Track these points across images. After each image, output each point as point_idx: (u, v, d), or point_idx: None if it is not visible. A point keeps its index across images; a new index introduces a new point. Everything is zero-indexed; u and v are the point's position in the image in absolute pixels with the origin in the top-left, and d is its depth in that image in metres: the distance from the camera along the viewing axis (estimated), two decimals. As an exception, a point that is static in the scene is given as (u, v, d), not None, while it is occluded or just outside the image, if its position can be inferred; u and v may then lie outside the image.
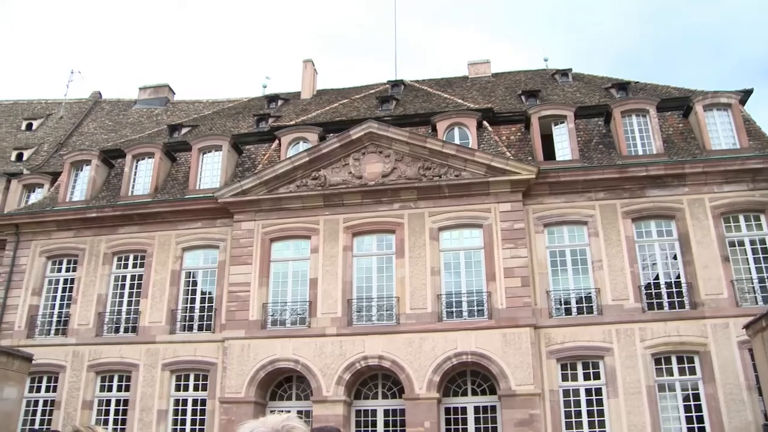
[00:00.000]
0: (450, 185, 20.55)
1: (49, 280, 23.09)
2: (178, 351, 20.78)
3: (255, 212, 21.46)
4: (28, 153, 29.39)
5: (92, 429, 1.77)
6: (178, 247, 22.13)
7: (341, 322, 19.86)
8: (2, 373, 19.78)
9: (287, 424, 2.07)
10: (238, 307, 20.49)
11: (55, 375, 21.48)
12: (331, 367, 19.39)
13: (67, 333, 21.99)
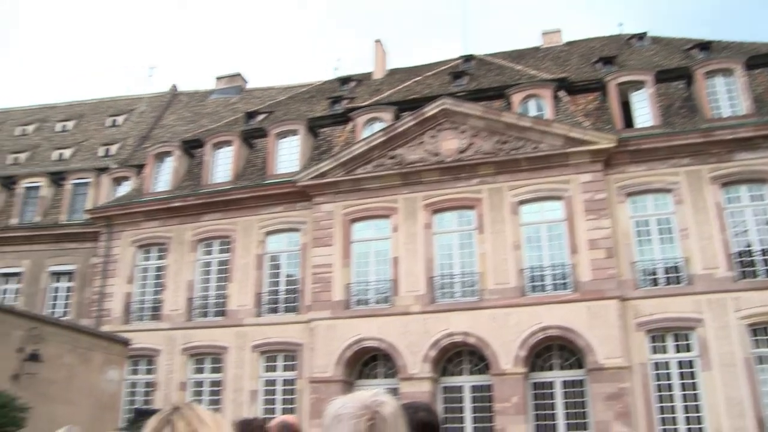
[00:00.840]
0: (528, 158, 20.81)
1: (141, 268, 24.54)
2: (265, 333, 21.83)
3: (334, 194, 22.24)
4: (115, 148, 31.14)
5: (191, 407, 1.84)
6: (260, 232, 23.13)
7: (424, 300, 20.44)
8: (105, 356, 21.38)
9: (376, 399, 2.20)
10: (321, 288, 21.37)
11: (152, 358, 22.93)
12: (416, 345, 19.98)
13: (160, 318, 23.40)
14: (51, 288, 26.84)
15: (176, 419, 1.74)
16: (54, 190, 29.06)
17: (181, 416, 1.75)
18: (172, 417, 1.75)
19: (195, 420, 1.75)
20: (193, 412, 1.79)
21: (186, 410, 1.79)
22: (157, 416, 1.79)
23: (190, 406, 1.83)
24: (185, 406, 1.82)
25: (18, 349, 18.44)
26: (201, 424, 1.74)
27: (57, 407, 17.45)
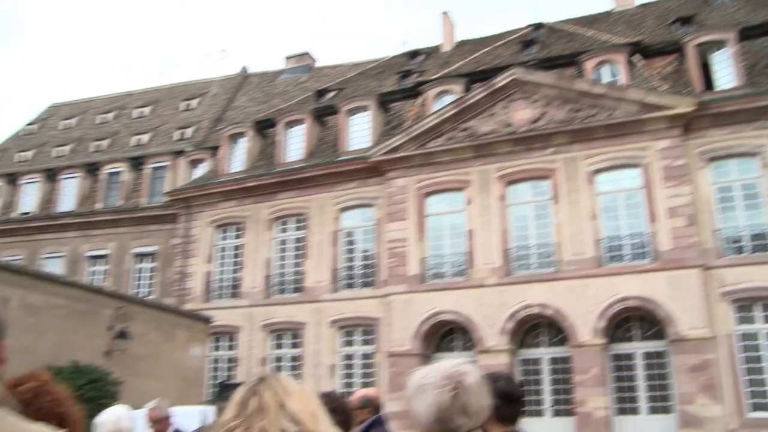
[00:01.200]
0: (603, 126, 20.56)
1: (219, 247, 25.46)
2: (342, 308, 22.40)
3: (407, 168, 22.51)
4: (190, 131, 32.28)
5: (276, 377, 1.86)
6: (335, 208, 23.64)
7: (500, 272, 20.56)
8: (188, 334, 22.37)
9: (459, 369, 2.26)
10: (397, 262, 21.75)
11: (233, 334, 23.86)
12: (493, 318, 20.15)
13: (240, 296, 24.26)
14: (135, 269, 28.18)
15: (262, 390, 1.76)
16: (134, 174, 30.38)
17: (267, 386, 1.78)
18: (258, 387, 1.78)
19: (281, 390, 1.76)
20: (279, 382, 1.81)
21: (272, 381, 1.81)
22: (244, 387, 1.81)
23: (276, 377, 1.84)
24: (271, 377, 1.84)
25: (108, 327, 19.51)
26: (287, 394, 1.75)
27: (145, 382, 18.42)
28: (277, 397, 1.74)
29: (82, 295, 19.03)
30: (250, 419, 1.68)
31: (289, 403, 1.73)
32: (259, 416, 1.69)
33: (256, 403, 1.73)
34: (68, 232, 29.80)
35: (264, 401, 1.72)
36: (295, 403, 1.74)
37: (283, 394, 1.75)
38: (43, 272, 19.53)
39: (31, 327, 15.76)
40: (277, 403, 1.72)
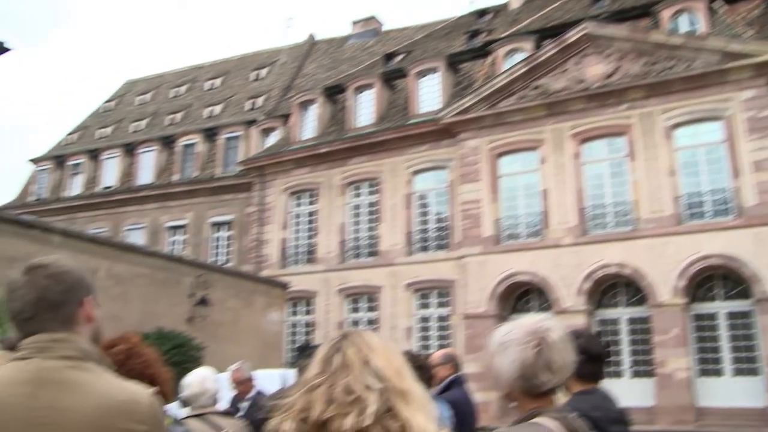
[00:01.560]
0: (681, 78, 19.97)
1: (294, 214, 26.07)
2: (417, 271, 22.71)
3: (478, 129, 22.43)
4: (261, 100, 32.94)
5: (360, 334, 1.85)
6: (407, 172, 23.84)
7: (576, 232, 20.45)
8: (266, 299, 23.15)
9: (542, 325, 2.26)
10: (471, 224, 21.87)
11: (310, 299, 24.53)
12: (569, 278, 20.12)
13: (315, 261, 24.86)
14: (212, 237, 29.19)
15: (346, 346, 1.75)
16: (208, 145, 31.30)
17: (351, 343, 1.76)
18: (341, 344, 1.76)
19: (365, 346, 1.75)
20: (363, 338, 1.79)
21: (355, 337, 1.79)
22: (327, 343, 1.81)
23: (359, 333, 1.82)
24: (354, 333, 1.82)
25: (189, 294, 20.37)
26: (371, 350, 1.74)
27: (227, 346, 19.20)
28: (361, 353, 1.73)
29: (163, 265, 19.89)
30: (334, 376, 1.68)
31: (373, 359, 1.72)
32: (343, 373, 1.69)
33: (339, 359, 1.72)
34: (148, 204, 31.06)
35: (348, 358, 1.72)
36: (380, 359, 1.72)
37: (366, 350, 1.74)
38: (127, 243, 20.52)
39: (118, 296, 16.63)
40: (361, 360, 1.71)
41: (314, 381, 1.69)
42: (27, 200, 35.83)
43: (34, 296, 1.91)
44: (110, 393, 1.88)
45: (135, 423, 1.86)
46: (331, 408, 1.60)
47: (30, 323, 1.92)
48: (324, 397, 1.63)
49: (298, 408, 1.64)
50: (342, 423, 1.56)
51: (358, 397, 1.61)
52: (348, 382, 1.65)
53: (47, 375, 1.85)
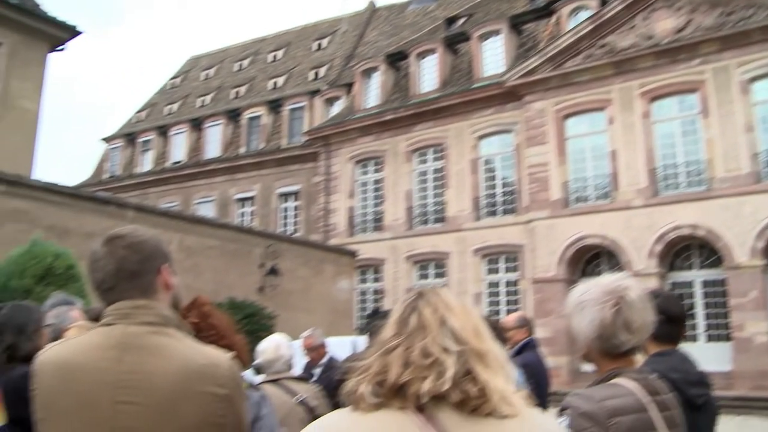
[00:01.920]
0: (760, 28, 19.02)
1: (360, 182, 26.43)
2: (485, 236, 22.79)
3: (544, 91, 22.18)
4: (323, 70, 33.24)
5: (436, 292, 1.73)
6: (472, 137, 23.80)
7: (647, 193, 20.15)
8: (335, 268, 23.65)
9: (620, 284, 2.22)
10: (538, 188, 21.80)
11: (378, 267, 24.90)
12: (640, 240, 19.86)
13: (383, 229, 25.18)
14: (280, 208, 29.87)
15: (422, 306, 1.67)
16: (273, 117, 31.87)
17: (427, 302, 1.68)
18: (417, 303, 1.68)
19: (441, 306, 1.67)
20: (439, 297, 1.70)
21: (432, 296, 1.71)
22: (403, 303, 1.73)
23: (436, 292, 1.73)
24: (430, 292, 1.73)
25: (259, 264, 20.95)
26: (448, 310, 1.65)
27: (297, 315, 19.71)
28: (438, 313, 1.64)
29: (233, 236, 20.47)
30: (410, 338, 1.60)
31: (450, 319, 1.63)
32: (419, 334, 1.61)
33: (415, 320, 1.64)
34: (216, 177, 31.91)
35: (424, 318, 1.63)
36: (457, 319, 1.64)
37: (443, 310, 1.65)
38: (198, 216, 21.19)
39: (190, 268, 17.24)
40: (438, 320, 1.63)
41: (390, 343, 1.61)
42: (101, 178, 37.26)
43: (114, 267, 2.01)
44: (191, 357, 1.95)
45: (216, 386, 1.93)
46: (407, 371, 1.53)
47: (111, 293, 2.02)
48: (400, 360, 1.56)
49: (374, 371, 1.57)
50: (419, 387, 1.49)
51: (435, 360, 1.54)
52: (425, 344, 1.57)
53: (131, 340, 1.94)
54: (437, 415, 1.46)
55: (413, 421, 1.46)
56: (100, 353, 1.95)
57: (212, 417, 1.95)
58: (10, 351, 3.34)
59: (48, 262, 9.80)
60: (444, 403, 1.48)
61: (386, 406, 1.50)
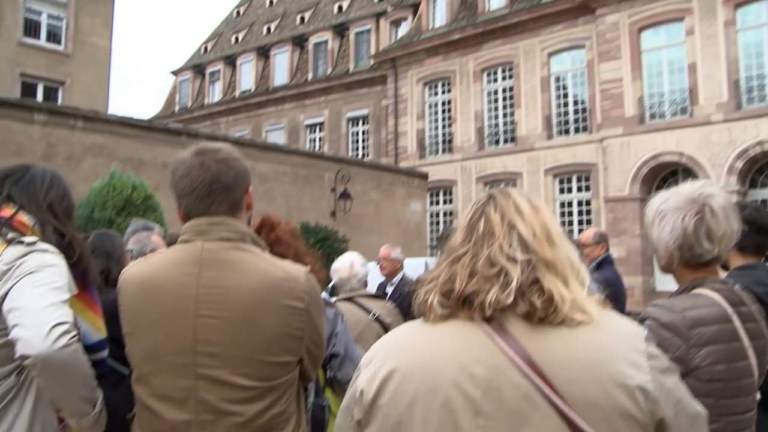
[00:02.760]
0: None
1: (429, 104, 26.18)
2: (557, 155, 22.41)
3: (617, 2, 21.05)
4: (388, -10, 32.82)
5: (506, 194, 1.60)
6: (543, 54, 23.11)
7: (728, 107, 19.29)
8: (407, 190, 23.71)
9: (704, 191, 2.11)
10: (612, 104, 21.15)
11: (449, 189, 24.89)
12: (719, 157, 19.18)
13: (453, 150, 25.02)
14: (350, 133, 29.95)
15: (491, 210, 1.55)
16: (339, 41, 31.59)
17: (496, 206, 1.55)
18: (486, 208, 1.57)
19: (511, 210, 1.54)
20: (510, 200, 1.57)
21: (501, 199, 1.57)
22: (473, 206, 1.62)
23: (507, 194, 1.60)
24: (500, 194, 1.60)
25: (331, 189, 21.21)
26: (518, 214, 1.52)
27: (369, 238, 19.94)
28: (507, 218, 1.52)
29: (304, 162, 20.68)
30: (478, 245, 1.51)
31: (520, 224, 1.50)
32: (487, 242, 1.50)
33: (483, 226, 1.53)
34: (285, 104, 32.09)
35: (492, 224, 1.52)
36: (526, 224, 1.51)
37: (513, 215, 1.52)
38: (269, 143, 21.44)
39: (264, 194, 17.56)
40: (507, 226, 1.51)
41: (458, 251, 1.53)
42: (173, 110, 37.97)
43: (209, 177, 2.03)
44: (269, 271, 2.00)
45: (293, 299, 1.99)
46: (473, 281, 1.45)
47: (203, 202, 2.04)
48: (466, 270, 1.47)
49: (442, 280, 1.50)
50: (485, 298, 1.42)
51: (501, 269, 1.44)
52: (491, 252, 1.47)
53: (209, 256, 1.99)
54: (506, 325, 1.41)
55: (482, 332, 1.42)
56: (180, 269, 2.00)
57: (290, 329, 2.00)
58: (103, 275, 3.48)
59: (127, 193, 10.15)
60: (512, 314, 1.42)
61: (454, 316, 1.46)
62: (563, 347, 1.38)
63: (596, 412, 1.33)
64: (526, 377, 1.36)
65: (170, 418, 1.95)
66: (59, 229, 2.27)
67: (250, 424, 1.95)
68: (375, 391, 1.46)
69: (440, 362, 1.42)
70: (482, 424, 1.36)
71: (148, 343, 2.01)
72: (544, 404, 1.34)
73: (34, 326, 1.94)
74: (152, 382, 1.99)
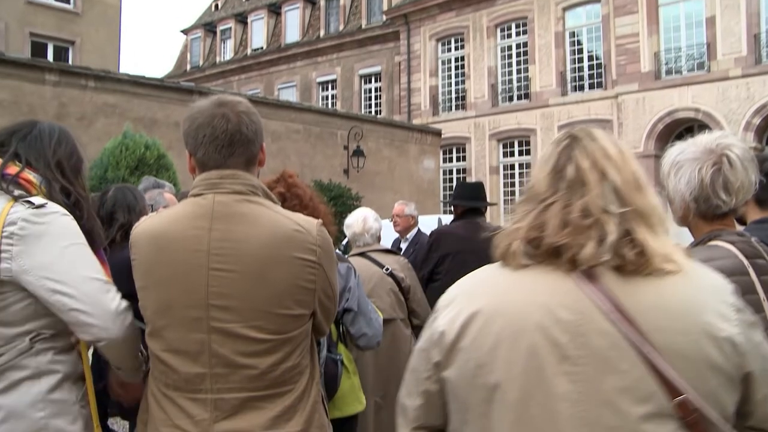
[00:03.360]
0: None
1: (442, 60, 25.82)
2: (571, 112, 22.10)
3: (635, -45, 20.89)
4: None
5: (592, 136, 1.50)
6: (557, 8, 22.64)
7: (747, 62, 18.87)
8: (420, 148, 23.63)
9: (722, 141, 2.06)
10: (627, 60, 20.82)
11: (462, 146, 24.69)
12: (736, 113, 18.90)
13: (466, 107, 24.75)
14: (363, 90, 29.73)
15: (579, 155, 1.46)
16: (351, -3, 31.22)
17: (584, 151, 1.46)
18: (573, 152, 1.47)
19: (600, 155, 1.45)
20: (597, 144, 1.48)
21: (588, 143, 1.48)
22: (555, 147, 1.52)
23: (592, 136, 1.50)
24: (586, 137, 1.50)
25: (344, 146, 21.16)
26: (607, 161, 1.44)
27: (383, 195, 19.96)
28: (598, 165, 1.44)
29: (317, 119, 20.63)
30: (568, 193, 1.43)
31: (611, 172, 1.43)
32: (578, 191, 1.42)
33: (573, 173, 1.45)
34: (297, 62, 31.85)
35: (582, 171, 1.44)
36: (617, 172, 1.44)
37: (603, 161, 1.44)
38: (281, 101, 21.34)
39: (277, 152, 17.56)
40: (598, 174, 1.43)
41: (545, 197, 1.44)
42: (185, 69, 37.79)
43: (232, 128, 2.00)
44: (281, 223, 1.99)
45: (305, 252, 1.98)
46: (565, 232, 1.38)
47: (221, 153, 2.01)
48: (558, 219, 1.40)
49: (529, 226, 1.43)
50: (579, 252, 1.36)
51: (595, 222, 1.38)
52: (585, 203, 1.40)
53: (221, 209, 1.97)
54: (595, 273, 1.37)
55: (570, 279, 1.38)
56: (192, 223, 1.99)
57: (302, 282, 1.99)
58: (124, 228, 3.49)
59: (140, 152, 10.18)
60: (601, 264, 1.37)
61: (540, 264, 1.42)
62: (653, 296, 1.36)
63: (684, 362, 1.32)
64: (614, 324, 1.33)
65: (184, 371, 1.97)
66: (66, 188, 2.22)
67: (263, 377, 1.97)
68: (456, 332, 1.44)
69: (526, 305, 1.39)
70: (567, 369, 1.34)
71: (161, 298, 2.01)
72: (632, 352, 1.32)
73: (101, 314, 2.03)
74: (166, 336, 2.00)
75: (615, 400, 1.32)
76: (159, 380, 2.04)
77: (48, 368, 2.06)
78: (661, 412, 1.31)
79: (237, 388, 1.95)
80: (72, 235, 2.09)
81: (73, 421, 2.07)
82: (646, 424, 1.31)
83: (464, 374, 1.43)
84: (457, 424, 1.48)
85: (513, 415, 1.36)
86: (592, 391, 1.32)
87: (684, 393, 1.30)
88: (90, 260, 2.11)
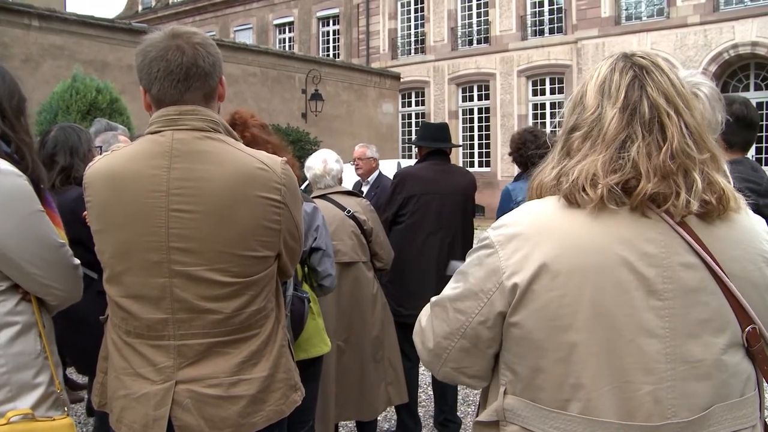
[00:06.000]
0: None
1: (401, 3, 25.34)
2: (531, 56, 22.04)
3: None
4: None
5: (658, 67, 1.40)
6: (518, -50, 22.36)
7: (706, 9, 18.87)
8: (378, 91, 23.44)
9: (690, 80, 2.09)
10: (589, 4, 20.63)
11: (421, 90, 24.54)
12: (693, 60, 18.93)
13: (425, 51, 24.50)
14: (321, 32, 29.15)
15: (652, 91, 1.36)
16: (307, -67, 30.31)
17: (656, 85, 1.37)
18: (645, 86, 1.37)
19: (673, 93, 1.37)
20: (665, 77, 1.39)
21: (657, 75, 1.39)
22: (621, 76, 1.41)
23: (657, 66, 1.41)
24: (653, 67, 1.40)
25: (302, 90, 20.88)
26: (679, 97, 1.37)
27: (342, 139, 19.83)
28: (672, 103, 1.36)
29: (274, 62, 20.27)
30: (647, 134, 1.34)
31: (684, 113, 1.36)
32: (659, 132, 1.34)
33: (647, 110, 1.35)
34: (253, 3, 30.95)
35: (658, 110, 1.35)
36: (690, 111, 1.37)
37: (676, 99, 1.36)
38: (238, 43, 20.89)
39: (233, 96, 17.24)
40: (674, 113, 1.35)
41: (619, 135, 1.35)
42: (137, 10, 36.52)
43: (187, 61, 1.88)
44: (244, 161, 1.89)
45: (270, 191, 1.90)
46: (656, 179, 1.31)
47: (177, 87, 1.89)
48: (646, 164, 1.31)
49: (606, 169, 1.33)
50: (673, 202, 1.31)
51: (680, 167, 1.32)
52: (670, 145, 1.32)
53: (181, 146, 1.87)
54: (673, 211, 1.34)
55: (659, 225, 1.34)
56: (150, 161, 1.89)
57: (267, 221, 1.92)
58: (65, 172, 3.34)
59: (91, 96, 9.88)
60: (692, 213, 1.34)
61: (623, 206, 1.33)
62: (725, 230, 1.38)
63: (752, 289, 1.37)
64: (698, 256, 1.33)
65: (146, 317, 1.90)
66: (6, 135, 2.04)
67: (228, 321, 1.91)
68: (530, 277, 1.34)
69: (608, 241, 1.32)
70: (655, 304, 1.32)
71: (119, 241, 1.91)
72: (713, 283, 1.34)
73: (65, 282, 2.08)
74: (125, 281, 1.92)
75: (700, 333, 1.33)
76: (119, 327, 1.97)
77: (5, 320, 1.95)
78: (735, 342, 1.36)
79: (201, 333, 1.89)
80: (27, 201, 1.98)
81: (36, 375, 1.99)
82: (725, 355, 1.35)
83: (541, 318, 1.35)
84: (526, 371, 1.40)
85: (599, 357, 1.32)
86: (679, 326, 1.32)
87: (755, 322, 1.36)
88: (48, 227, 2.02)
